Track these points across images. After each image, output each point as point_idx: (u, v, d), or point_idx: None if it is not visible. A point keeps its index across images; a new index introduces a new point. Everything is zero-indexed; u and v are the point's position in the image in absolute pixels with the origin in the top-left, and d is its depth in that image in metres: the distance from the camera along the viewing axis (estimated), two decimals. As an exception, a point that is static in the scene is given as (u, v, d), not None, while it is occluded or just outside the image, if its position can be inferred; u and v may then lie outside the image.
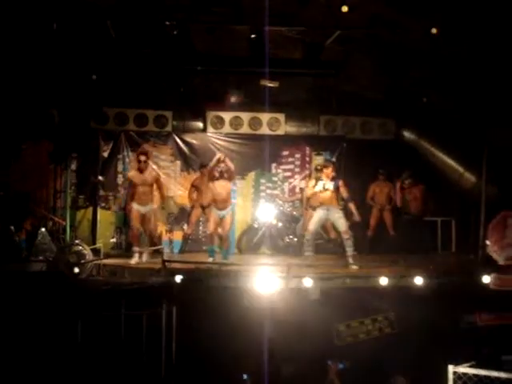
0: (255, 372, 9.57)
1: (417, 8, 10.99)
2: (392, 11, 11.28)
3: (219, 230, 12.21)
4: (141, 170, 12.08)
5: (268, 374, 9.66)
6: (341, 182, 11.86)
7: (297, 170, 15.84)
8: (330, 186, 11.75)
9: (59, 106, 14.29)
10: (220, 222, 12.11)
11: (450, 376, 5.34)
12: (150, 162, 12.86)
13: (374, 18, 11.43)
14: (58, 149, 14.17)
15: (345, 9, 10.74)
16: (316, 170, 13.93)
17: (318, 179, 12.02)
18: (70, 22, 11.50)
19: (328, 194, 11.73)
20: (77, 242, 12.10)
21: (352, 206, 11.88)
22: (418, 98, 14.42)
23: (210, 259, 11.94)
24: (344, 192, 11.81)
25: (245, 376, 9.19)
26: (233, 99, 14.92)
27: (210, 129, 15.48)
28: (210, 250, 12.32)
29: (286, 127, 15.61)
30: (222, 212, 12.04)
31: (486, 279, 10.49)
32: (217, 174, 12.06)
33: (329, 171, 11.86)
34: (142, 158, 12.14)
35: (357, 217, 11.88)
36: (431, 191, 14.40)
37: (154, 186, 12.26)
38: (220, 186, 12.06)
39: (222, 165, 12.14)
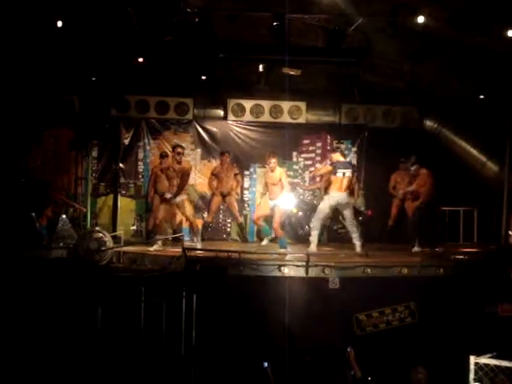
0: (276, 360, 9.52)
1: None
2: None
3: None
4: (178, 163, 12.92)
5: (289, 362, 9.65)
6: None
7: (318, 158, 15.75)
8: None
9: (80, 93, 14.36)
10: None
11: (472, 367, 5.27)
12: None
13: (396, 5, 11.31)
14: (79, 136, 14.22)
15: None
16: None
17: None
18: (92, 8, 11.48)
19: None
20: (97, 228, 12.17)
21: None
22: (441, 87, 14.28)
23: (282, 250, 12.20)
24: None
25: (265, 364, 9.13)
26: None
27: (231, 116, 15.45)
28: (281, 242, 12.54)
29: (307, 115, 15.53)
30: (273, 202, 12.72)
31: (508, 269, 10.42)
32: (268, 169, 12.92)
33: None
34: (179, 150, 13.08)
35: None
36: (454, 180, 14.29)
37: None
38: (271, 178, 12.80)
39: (273, 159, 12.76)
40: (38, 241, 12.06)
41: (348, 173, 12.08)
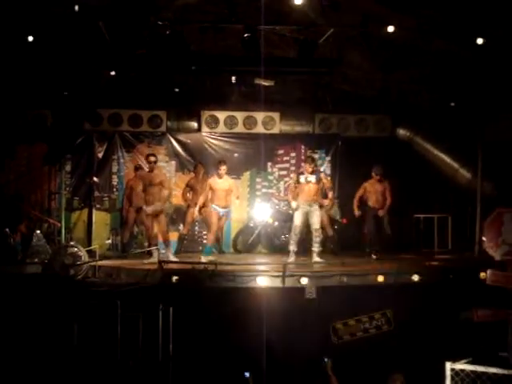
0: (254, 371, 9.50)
1: (407, 4, 10.98)
2: (382, 8, 11.26)
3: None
4: (150, 170, 12.39)
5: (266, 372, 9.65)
6: (322, 174, 12.59)
7: (292, 168, 15.81)
8: (312, 178, 12.04)
9: (52, 108, 14.28)
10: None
11: (448, 373, 5.31)
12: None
13: (365, 15, 11.39)
14: (52, 150, 14.15)
15: (337, 7, 10.72)
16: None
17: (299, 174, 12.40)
18: (64, 23, 11.44)
19: (310, 186, 12.06)
20: (72, 243, 12.09)
21: (330, 194, 12.93)
22: (412, 95, 14.40)
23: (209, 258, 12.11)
24: (326, 182, 12.75)
25: (247, 374, 9.09)
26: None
27: (205, 128, 15.47)
28: (207, 249, 12.57)
29: (280, 126, 15.60)
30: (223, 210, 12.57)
31: (482, 276, 10.48)
32: (216, 176, 12.64)
33: (307, 166, 12.25)
34: (152, 158, 12.39)
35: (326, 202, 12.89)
36: (428, 188, 14.40)
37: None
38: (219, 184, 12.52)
39: (223, 167, 12.53)
40: (12, 256, 11.98)
41: (311, 178, 12.03)
